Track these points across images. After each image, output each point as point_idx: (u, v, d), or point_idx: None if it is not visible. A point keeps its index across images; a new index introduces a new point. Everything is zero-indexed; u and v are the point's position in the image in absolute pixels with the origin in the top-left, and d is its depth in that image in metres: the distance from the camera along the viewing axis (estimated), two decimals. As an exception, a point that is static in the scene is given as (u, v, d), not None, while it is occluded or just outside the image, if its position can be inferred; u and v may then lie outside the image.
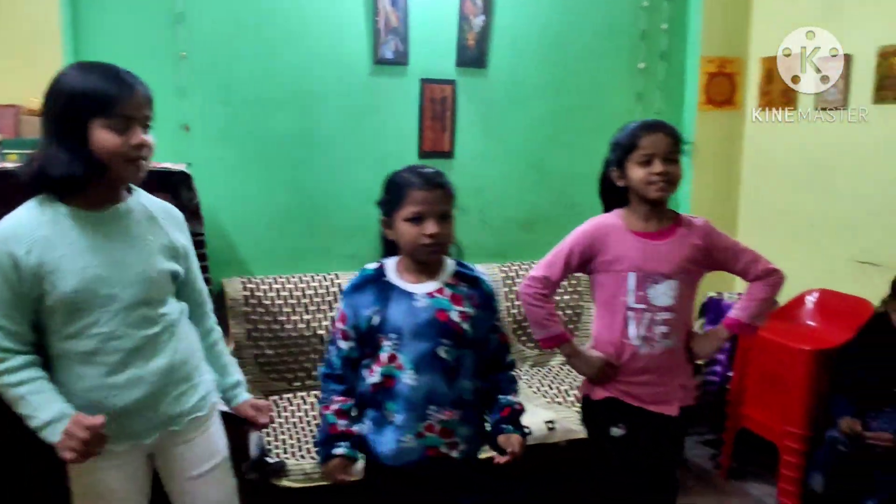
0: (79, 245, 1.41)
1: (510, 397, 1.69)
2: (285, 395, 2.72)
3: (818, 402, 2.59)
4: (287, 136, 2.89)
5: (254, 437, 2.23)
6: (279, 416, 2.57)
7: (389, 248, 1.67)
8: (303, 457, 2.31)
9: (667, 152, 1.77)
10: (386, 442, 1.59)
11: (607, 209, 1.93)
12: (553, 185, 3.31)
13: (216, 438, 1.67)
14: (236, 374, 1.77)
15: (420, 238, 1.55)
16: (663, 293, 1.81)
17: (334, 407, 1.63)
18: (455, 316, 1.59)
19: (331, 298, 2.86)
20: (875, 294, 2.72)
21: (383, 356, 1.58)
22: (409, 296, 1.59)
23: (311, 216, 2.97)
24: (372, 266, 1.66)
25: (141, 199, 1.54)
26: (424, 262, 1.62)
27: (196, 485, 1.62)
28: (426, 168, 1.61)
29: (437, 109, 3.07)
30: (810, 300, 3.00)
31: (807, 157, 3.13)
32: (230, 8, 2.74)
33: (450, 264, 1.66)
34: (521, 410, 1.69)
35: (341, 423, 1.62)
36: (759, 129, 3.37)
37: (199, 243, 2.00)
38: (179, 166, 2.32)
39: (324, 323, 2.81)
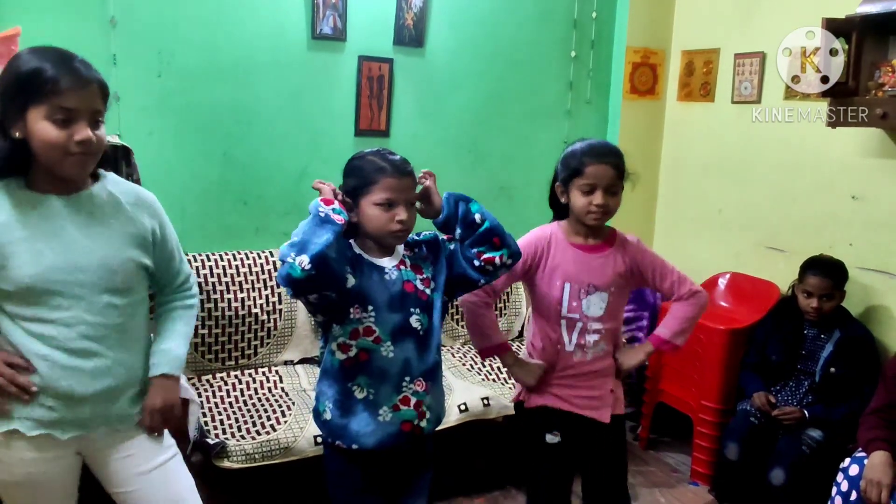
0: (37, 230, 1.36)
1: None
2: (219, 375, 2.67)
3: (731, 378, 2.79)
4: (221, 109, 2.79)
5: (192, 419, 2.19)
6: (214, 397, 2.52)
7: (349, 229, 1.60)
8: (243, 437, 2.28)
9: (609, 185, 1.82)
10: (361, 420, 1.59)
11: (557, 217, 1.97)
12: (486, 167, 3.36)
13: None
14: (174, 344, 1.60)
15: (390, 224, 1.57)
16: (595, 304, 1.88)
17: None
18: (419, 284, 1.64)
19: (265, 276, 2.81)
20: (779, 277, 2.94)
21: (360, 329, 1.57)
22: (379, 269, 1.61)
23: (245, 192, 2.90)
24: None
25: (107, 185, 1.48)
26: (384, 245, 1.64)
27: (149, 478, 1.56)
28: (395, 155, 1.62)
29: (374, 87, 3.05)
30: (722, 282, 3.20)
31: (720, 148, 3.32)
32: (164, -28, 2.62)
33: None
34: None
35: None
36: (678, 118, 3.55)
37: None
38: (113, 138, 2.22)
39: (258, 301, 2.77)
